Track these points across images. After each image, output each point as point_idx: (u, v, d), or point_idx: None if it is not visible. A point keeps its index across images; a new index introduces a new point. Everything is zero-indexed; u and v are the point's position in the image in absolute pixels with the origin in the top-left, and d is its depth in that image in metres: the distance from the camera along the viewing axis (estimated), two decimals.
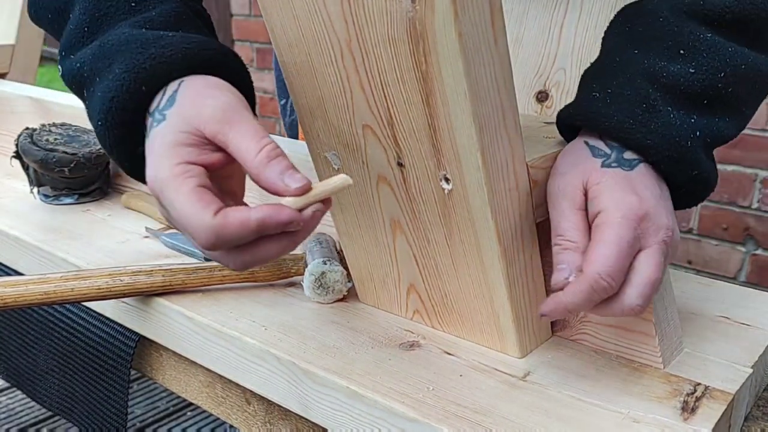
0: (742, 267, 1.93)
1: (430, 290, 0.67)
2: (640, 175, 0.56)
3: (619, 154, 0.57)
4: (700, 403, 0.58)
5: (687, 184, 0.58)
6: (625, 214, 0.53)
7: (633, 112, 0.56)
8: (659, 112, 0.56)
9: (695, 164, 0.57)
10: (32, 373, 0.97)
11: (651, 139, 0.56)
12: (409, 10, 0.49)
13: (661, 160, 0.56)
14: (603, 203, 0.54)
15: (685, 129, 0.57)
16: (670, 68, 0.57)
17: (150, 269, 0.76)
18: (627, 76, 0.58)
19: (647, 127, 0.56)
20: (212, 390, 0.78)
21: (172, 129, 0.53)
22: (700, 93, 0.58)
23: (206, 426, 1.60)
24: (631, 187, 0.55)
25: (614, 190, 0.55)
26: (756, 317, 0.72)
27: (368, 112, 0.58)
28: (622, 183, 0.55)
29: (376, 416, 0.59)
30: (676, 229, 0.56)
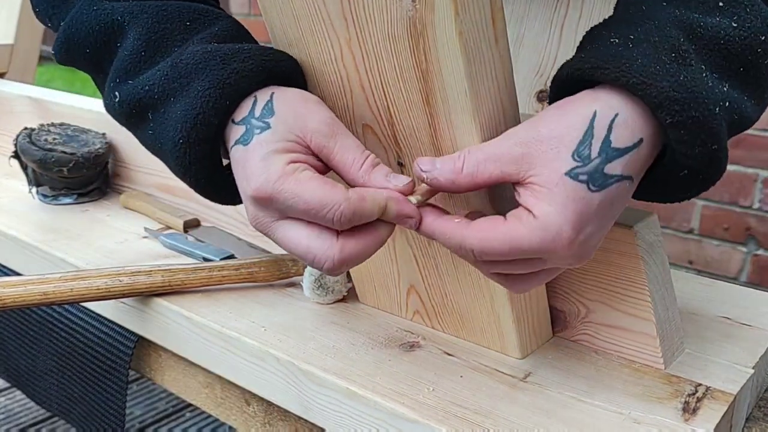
0: (744, 267, 1.93)
1: (430, 291, 0.67)
2: (602, 201, 0.47)
3: (603, 163, 0.46)
4: (701, 403, 0.57)
5: (701, 162, 0.48)
6: (544, 239, 0.47)
7: (660, 59, 0.46)
8: (691, 66, 0.47)
9: (717, 137, 0.47)
10: (31, 374, 0.97)
11: (678, 91, 0.45)
12: (409, 9, 0.49)
13: (683, 123, 0.46)
14: (536, 209, 0.47)
15: (716, 94, 0.47)
16: (708, 20, 0.49)
17: (149, 269, 0.76)
18: (654, 23, 0.49)
19: (676, 78, 0.46)
20: (212, 391, 0.77)
21: (278, 136, 0.53)
22: (739, 53, 0.49)
23: (206, 427, 1.60)
24: (579, 219, 0.47)
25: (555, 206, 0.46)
26: (757, 317, 0.71)
27: (368, 112, 0.58)
28: (569, 205, 0.46)
29: (376, 417, 0.59)
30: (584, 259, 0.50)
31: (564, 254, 0.47)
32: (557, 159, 0.47)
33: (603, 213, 0.48)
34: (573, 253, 0.48)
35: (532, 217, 0.47)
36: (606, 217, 0.48)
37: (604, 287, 0.63)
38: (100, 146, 1.07)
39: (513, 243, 0.47)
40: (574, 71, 0.49)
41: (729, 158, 0.50)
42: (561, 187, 0.46)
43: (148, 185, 1.08)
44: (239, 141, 0.54)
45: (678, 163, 0.49)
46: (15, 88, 1.30)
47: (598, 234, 0.49)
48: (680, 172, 0.49)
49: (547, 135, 0.47)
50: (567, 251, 0.47)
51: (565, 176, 0.46)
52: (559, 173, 0.46)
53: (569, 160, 0.46)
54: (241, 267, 0.77)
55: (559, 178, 0.46)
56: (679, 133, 0.47)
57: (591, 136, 0.47)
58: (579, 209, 0.46)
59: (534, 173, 0.47)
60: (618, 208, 0.49)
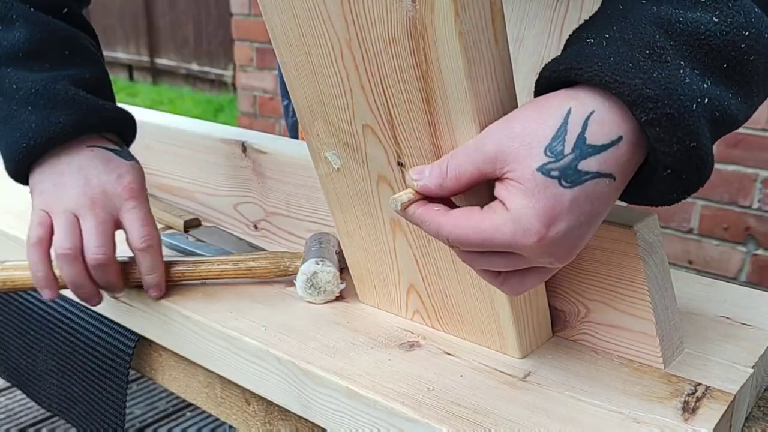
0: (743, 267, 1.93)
1: (430, 290, 0.67)
2: (576, 197, 0.47)
3: (576, 160, 0.46)
4: (701, 403, 0.57)
5: (679, 162, 0.47)
6: (515, 231, 0.47)
7: (634, 57, 0.46)
8: (666, 63, 0.46)
9: (695, 134, 0.46)
10: (31, 373, 0.97)
11: (652, 88, 0.45)
12: (409, 9, 0.49)
13: (657, 120, 0.45)
14: (508, 202, 0.47)
15: (693, 90, 0.46)
16: (688, 15, 0.47)
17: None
18: (630, 21, 0.48)
19: (649, 75, 0.45)
20: (212, 390, 0.77)
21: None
22: (721, 48, 0.47)
23: (206, 426, 1.60)
24: (549, 214, 0.46)
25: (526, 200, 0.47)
26: (757, 317, 0.71)
27: (368, 112, 0.58)
28: (540, 200, 0.46)
29: (376, 416, 0.59)
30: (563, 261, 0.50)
31: (536, 249, 0.47)
32: (529, 155, 0.47)
33: (578, 210, 0.47)
34: (545, 248, 0.47)
35: (505, 210, 0.47)
36: (583, 214, 0.48)
37: (604, 287, 0.63)
38: None
39: (485, 233, 0.48)
40: (551, 73, 0.50)
41: (728, 158, 0.50)
42: (532, 182, 0.46)
43: (149, 185, 1.08)
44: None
45: (660, 162, 0.48)
46: None
47: (576, 232, 0.48)
48: (663, 171, 0.49)
49: (520, 132, 0.47)
50: (538, 246, 0.47)
51: (537, 171, 0.46)
52: (531, 168, 0.46)
53: (541, 155, 0.46)
54: (239, 262, 0.77)
55: (531, 173, 0.46)
56: (655, 131, 0.46)
57: (565, 132, 0.46)
58: (549, 204, 0.46)
59: (508, 169, 0.47)
60: (599, 207, 0.48)
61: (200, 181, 0.99)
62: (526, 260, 0.50)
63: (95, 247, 0.70)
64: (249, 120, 3.19)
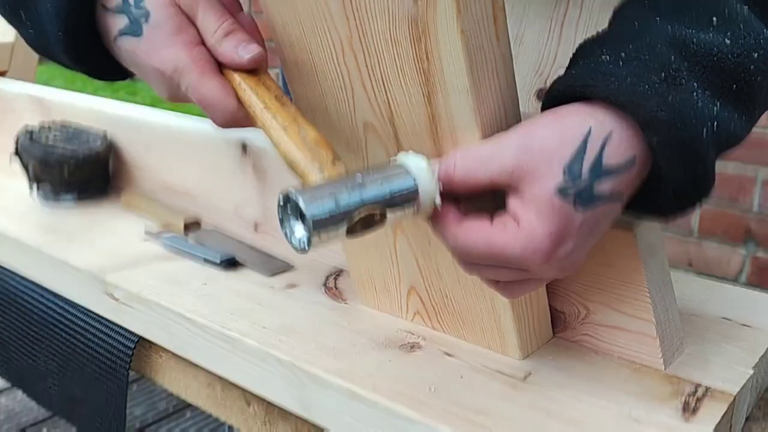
0: (743, 268, 1.93)
1: (430, 291, 0.67)
2: (586, 219, 0.47)
3: (592, 182, 0.46)
4: (701, 403, 0.57)
5: (684, 184, 0.49)
6: (524, 249, 0.47)
7: (649, 79, 0.46)
8: (681, 85, 0.47)
9: (704, 160, 0.47)
10: (32, 374, 0.97)
11: (666, 111, 0.45)
12: (410, 7, 0.49)
13: (669, 144, 0.46)
14: (522, 220, 0.47)
15: (704, 115, 0.47)
16: (701, 36, 0.48)
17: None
18: (646, 41, 0.48)
19: (664, 98, 0.46)
20: (212, 391, 0.77)
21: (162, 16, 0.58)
22: (732, 70, 0.48)
23: (206, 427, 1.60)
24: (560, 234, 0.47)
25: (540, 219, 0.47)
26: (757, 318, 0.71)
27: (369, 110, 0.58)
28: (554, 221, 0.47)
29: (376, 417, 0.59)
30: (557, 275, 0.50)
31: (543, 267, 0.48)
32: (549, 174, 0.46)
33: (587, 230, 0.48)
34: (551, 265, 0.48)
35: (517, 227, 0.47)
36: (591, 234, 0.49)
37: (605, 288, 0.63)
38: (100, 145, 1.07)
39: (495, 248, 0.48)
40: (566, 87, 0.49)
41: (729, 157, 0.51)
42: (549, 204, 0.46)
43: (149, 185, 1.08)
44: (125, 32, 0.59)
45: (664, 182, 0.49)
46: (16, 87, 1.30)
47: (580, 250, 0.49)
48: (667, 192, 0.50)
49: (541, 148, 0.47)
50: (545, 264, 0.48)
51: (555, 193, 0.46)
52: (549, 189, 0.46)
53: (560, 176, 0.46)
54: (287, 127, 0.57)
55: (548, 194, 0.46)
56: (666, 154, 0.47)
57: (584, 153, 0.46)
58: (562, 225, 0.47)
59: (526, 185, 0.47)
60: (605, 226, 0.50)
61: (200, 181, 0.99)
62: (530, 273, 0.50)
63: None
64: None
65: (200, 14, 0.58)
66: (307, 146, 0.54)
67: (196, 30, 0.59)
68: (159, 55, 0.58)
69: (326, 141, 0.55)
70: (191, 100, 0.59)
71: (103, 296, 0.82)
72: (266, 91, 0.58)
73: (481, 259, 0.49)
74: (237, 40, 0.58)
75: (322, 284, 0.80)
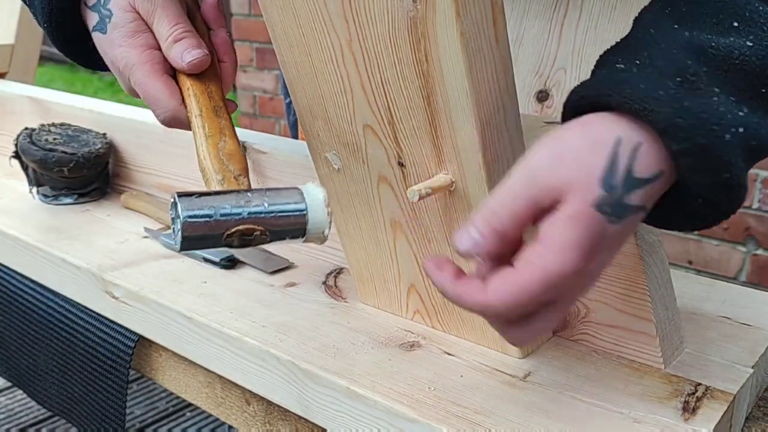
0: (743, 267, 1.93)
1: (430, 290, 0.67)
2: (617, 232, 0.45)
3: (624, 194, 0.44)
4: (701, 403, 0.57)
5: (711, 192, 0.46)
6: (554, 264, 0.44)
7: (665, 84, 0.45)
8: (699, 90, 0.45)
9: (728, 165, 0.44)
10: (32, 373, 0.97)
11: (683, 117, 0.43)
12: (410, 9, 0.49)
13: (689, 151, 0.44)
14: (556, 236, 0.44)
15: (728, 119, 0.44)
16: (721, 40, 0.46)
17: None
18: (661, 47, 0.47)
19: (680, 104, 0.44)
20: (212, 390, 0.77)
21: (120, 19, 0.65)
22: (758, 73, 0.46)
23: (206, 426, 1.60)
24: (593, 249, 0.44)
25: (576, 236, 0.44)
26: (757, 317, 0.71)
27: (369, 112, 0.58)
28: (589, 238, 0.44)
29: (376, 416, 0.59)
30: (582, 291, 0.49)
31: (571, 280, 0.45)
32: (587, 188, 0.44)
33: (616, 242, 0.46)
34: (579, 279, 0.45)
35: (543, 248, 0.44)
36: (618, 243, 0.47)
37: (604, 287, 0.63)
38: (100, 146, 1.07)
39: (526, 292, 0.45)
40: (580, 98, 0.48)
41: None
42: (586, 219, 0.44)
43: (149, 185, 1.08)
44: (96, 28, 0.66)
45: (691, 190, 0.47)
46: (15, 89, 1.30)
47: (607, 261, 0.47)
48: (695, 200, 0.47)
49: (575, 159, 0.45)
50: (574, 277, 0.45)
51: (593, 208, 0.44)
52: (588, 203, 0.44)
53: (598, 189, 0.44)
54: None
55: (587, 208, 0.44)
56: (687, 161, 0.44)
57: (616, 164, 0.44)
58: (596, 240, 0.44)
59: (565, 200, 0.45)
60: (629, 235, 0.50)
61: (200, 181, 0.99)
62: (557, 302, 0.47)
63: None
64: (249, 120, 3.19)
65: (155, 21, 0.65)
66: (219, 158, 0.60)
67: (152, 34, 0.66)
68: (115, 52, 0.65)
69: (242, 156, 0.60)
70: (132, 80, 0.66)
71: (103, 295, 0.82)
72: (207, 100, 0.64)
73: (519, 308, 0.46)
74: (184, 46, 0.64)
75: (321, 283, 0.80)
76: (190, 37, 0.65)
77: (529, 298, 0.45)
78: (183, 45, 0.64)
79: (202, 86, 0.64)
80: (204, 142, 0.61)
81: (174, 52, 0.64)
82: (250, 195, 0.52)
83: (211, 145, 0.61)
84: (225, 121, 0.63)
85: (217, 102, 0.64)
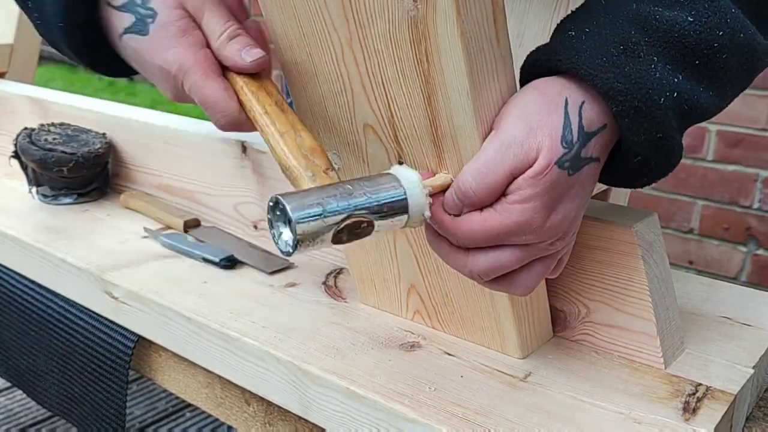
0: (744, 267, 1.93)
1: (430, 290, 0.67)
2: (574, 183, 0.51)
3: (580, 148, 0.50)
4: (702, 403, 0.57)
5: (647, 149, 0.51)
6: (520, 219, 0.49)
7: (608, 51, 0.49)
8: (639, 58, 0.49)
9: (662, 126, 0.50)
10: (32, 373, 0.97)
11: (622, 83, 0.48)
12: (410, 8, 0.49)
13: (626, 112, 0.49)
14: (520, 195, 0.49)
15: (663, 84, 0.49)
16: (665, 13, 0.50)
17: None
18: (609, 17, 0.51)
19: (621, 69, 0.49)
20: (212, 391, 0.77)
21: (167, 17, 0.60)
22: (694, 47, 0.50)
23: (206, 427, 1.60)
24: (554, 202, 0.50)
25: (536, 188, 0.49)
26: (757, 317, 0.71)
27: (369, 111, 0.58)
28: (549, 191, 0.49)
29: (376, 417, 0.59)
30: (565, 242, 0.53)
31: (539, 234, 0.50)
32: (552, 147, 0.49)
33: (575, 194, 0.51)
34: (547, 233, 0.51)
35: (508, 204, 0.50)
36: (578, 196, 0.52)
37: (605, 287, 0.63)
38: (100, 146, 1.07)
39: (491, 230, 0.50)
40: (534, 61, 0.53)
41: (729, 158, 0.52)
42: (548, 176, 0.49)
43: (148, 185, 1.08)
44: (132, 30, 0.60)
45: (630, 149, 0.52)
46: (15, 88, 1.30)
47: (573, 213, 0.52)
48: (633, 158, 0.53)
49: (538, 125, 0.49)
50: (541, 231, 0.50)
51: (555, 165, 0.49)
52: (551, 162, 0.49)
53: (559, 147, 0.49)
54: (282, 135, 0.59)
55: (549, 166, 0.49)
56: (625, 122, 0.50)
57: (569, 122, 0.50)
58: (557, 194, 0.50)
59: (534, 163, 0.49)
60: (589, 187, 0.53)
61: (200, 181, 0.99)
62: (529, 249, 0.52)
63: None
64: None
65: (206, 17, 0.60)
66: (302, 154, 0.56)
67: (202, 33, 0.60)
68: (164, 55, 0.59)
69: (322, 149, 0.56)
70: (194, 100, 0.60)
71: (103, 295, 0.82)
72: (267, 97, 0.59)
73: (479, 242, 0.51)
74: (241, 44, 0.60)
75: (321, 283, 0.80)
76: (245, 35, 0.61)
77: (490, 236, 0.50)
78: (240, 43, 0.60)
79: (257, 83, 0.60)
80: (280, 140, 0.57)
81: (231, 51, 0.60)
82: (351, 187, 0.50)
83: (289, 142, 0.57)
84: (293, 116, 0.59)
85: (277, 97, 0.60)
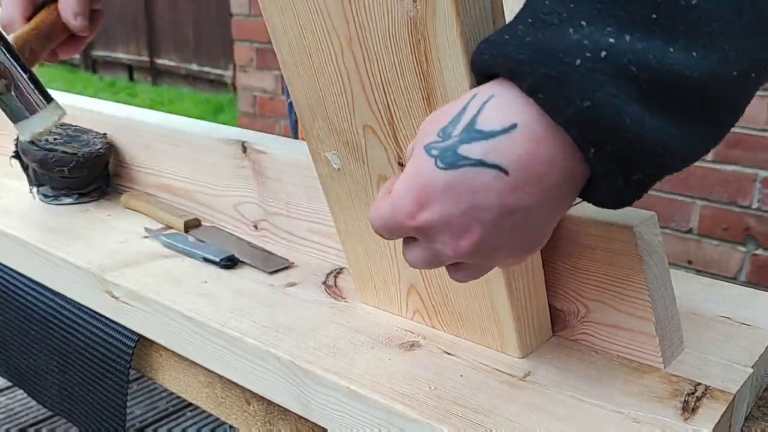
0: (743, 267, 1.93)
1: (430, 290, 0.67)
2: (450, 182, 0.44)
3: (459, 143, 0.43)
4: (701, 403, 0.57)
5: (582, 128, 0.40)
6: (393, 208, 0.47)
7: (514, 28, 0.42)
8: (551, 25, 0.41)
9: (585, 92, 0.39)
10: (32, 373, 0.97)
11: (524, 53, 0.40)
12: (410, 9, 0.49)
13: (538, 84, 0.40)
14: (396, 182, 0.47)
15: (582, 45, 0.40)
16: None
17: None
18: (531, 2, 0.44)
19: (521, 41, 0.41)
20: (212, 390, 0.77)
21: None
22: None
23: (206, 426, 1.60)
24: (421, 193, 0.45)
25: (405, 176, 0.46)
26: (756, 317, 0.71)
27: (369, 112, 0.58)
28: (414, 177, 0.45)
29: (376, 416, 0.59)
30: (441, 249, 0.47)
31: (414, 231, 0.47)
32: (425, 136, 0.45)
33: (455, 197, 0.44)
34: (425, 232, 0.46)
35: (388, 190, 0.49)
36: (462, 202, 0.44)
37: (604, 287, 0.63)
38: (101, 146, 1.07)
39: (378, 217, 0.49)
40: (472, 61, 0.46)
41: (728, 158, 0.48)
42: (413, 160, 0.46)
43: (149, 185, 1.08)
44: None
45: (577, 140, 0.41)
46: None
47: (459, 222, 0.44)
48: (588, 151, 0.41)
49: (430, 118, 0.47)
50: (415, 226, 0.46)
51: (421, 149, 0.45)
52: (418, 147, 0.45)
53: (432, 136, 0.45)
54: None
55: (415, 150, 0.46)
56: (540, 97, 0.41)
57: (462, 117, 0.44)
58: (422, 183, 0.45)
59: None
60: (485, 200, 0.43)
61: (200, 181, 0.99)
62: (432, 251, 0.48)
63: None
64: (249, 120, 3.19)
65: None
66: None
67: None
68: None
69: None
70: None
71: (103, 295, 0.82)
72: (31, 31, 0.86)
73: (377, 229, 0.50)
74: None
75: (322, 283, 0.80)
76: None
77: (378, 227, 0.50)
78: None
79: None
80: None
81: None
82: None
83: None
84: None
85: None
